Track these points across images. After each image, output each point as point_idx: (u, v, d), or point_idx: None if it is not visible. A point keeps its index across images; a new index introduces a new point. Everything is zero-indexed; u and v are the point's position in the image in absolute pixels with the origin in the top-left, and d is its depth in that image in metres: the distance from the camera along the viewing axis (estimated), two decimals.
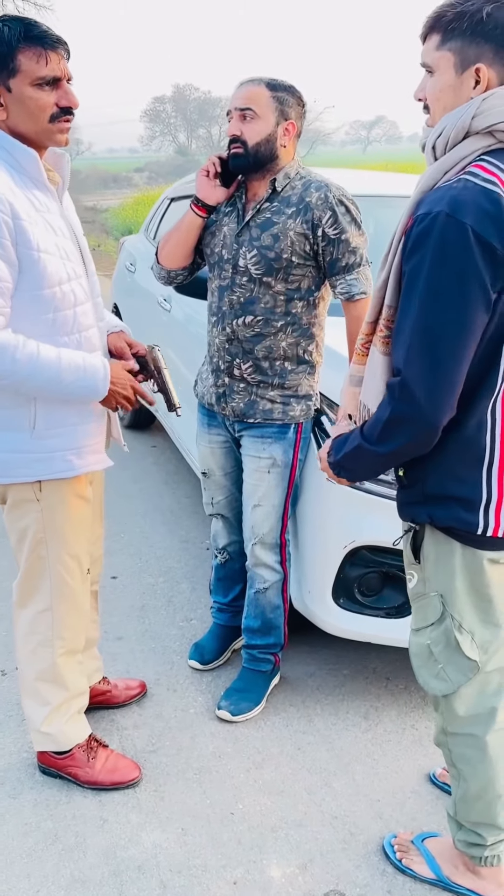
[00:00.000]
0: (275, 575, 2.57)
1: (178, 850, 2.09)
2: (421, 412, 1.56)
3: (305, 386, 2.46)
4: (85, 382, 1.96)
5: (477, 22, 1.53)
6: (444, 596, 1.75)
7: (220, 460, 2.67)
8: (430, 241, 1.51)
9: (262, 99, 2.27)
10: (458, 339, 1.52)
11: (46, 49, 1.81)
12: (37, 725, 2.25)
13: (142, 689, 2.68)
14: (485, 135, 1.55)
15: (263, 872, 2.03)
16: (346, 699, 2.70)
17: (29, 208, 1.86)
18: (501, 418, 1.62)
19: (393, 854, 2.06)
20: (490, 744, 1.82)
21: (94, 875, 2.02)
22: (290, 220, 2.29)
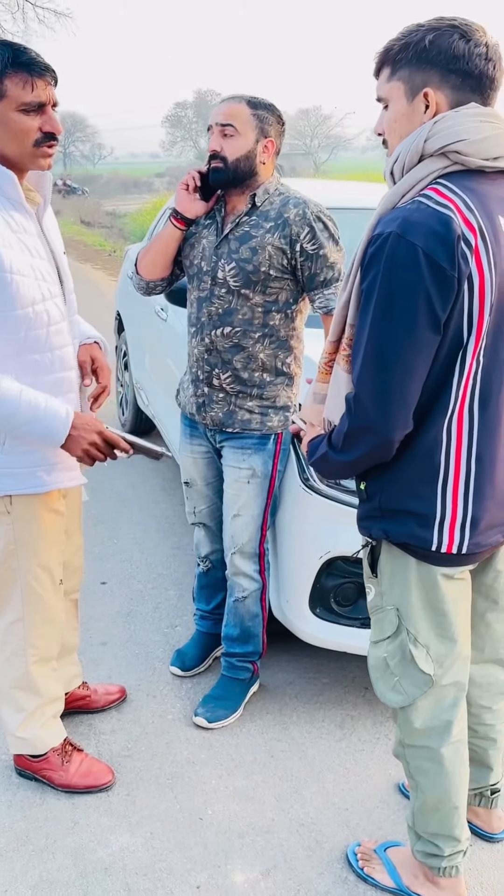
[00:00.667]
0: (253, 584, 2.61)
1: (144, 853, 2.13)
2: (372, 426, 1.60)
3: (283, 397, 2.50)
4: (41, 424, 1.94)
5: (421, 50, 1.59)
6: (400, 610, 1.78)
7: (203, 471, 2.71)
8: (381, 261, 1.55)
9: (242, 116, 2.33)
10: (406, 357, 1.55)
11: (33, 76, 1.86)
12: (12, 730, 2.29)
13: (121, 694, 2.72)
14: (439, 157, 1.59)
15: (227, 877, 2.07)
16: (323, 708, 2.73)
17: (4, 230, 1.90)
18: (457, 436, 1.66)
19: (356, 862, 2.09)
20: (446, 756, 1.84)
21: (62, 876, 2.06)
22: (268, 235, 2.35)
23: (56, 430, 1.96)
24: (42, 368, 2.02)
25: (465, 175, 1.60)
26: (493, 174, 1.63)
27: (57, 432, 1.97)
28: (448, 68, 1.58)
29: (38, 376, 2.01)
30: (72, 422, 1.98)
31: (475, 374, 1.62)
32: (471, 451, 1.66)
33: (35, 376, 2.01)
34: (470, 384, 1.63)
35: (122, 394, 5.58)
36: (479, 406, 1.65)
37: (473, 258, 1.54)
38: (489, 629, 1.96)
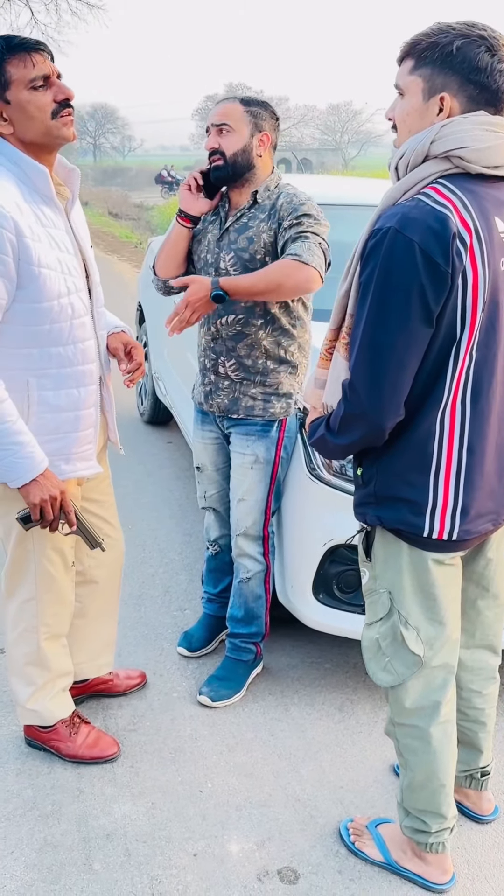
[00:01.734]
0: (257, 565, 2.70)
1: (145, 821, 2.23)
2: (365, 413, 1.68)
3: (287, 385, 2.59)
4: (12, 458, 1.99)
5: (447, 54, 1.64)
6: (392, 593, 1.86)
7: (212, 456, 2.80)
8: (379, 255, 1.62)
9: (235, 114, 2.46)
10: (399, 348, 1.62)
11: (29, 53, 1.94)
12: (22, 702, 2.39)
13: (142, 679, 2.80)
14: (442, 159, 1.66)
15: (223, 847, 2.15)
16: (324, 691, 2.81)
17: (34, 224, 1.97)
18: (450, 427, 1.73)
19: (347, 837, 2.17)
20: (434, 735, 1.92)
21: (66, 840, 2.16)
22: (262, 224, 2.46)
23: (20, 468, 2.01)
24: (65, 361, 2.10)
25: (466, 177, 1.67)
26: (493, 178, 1.69)
27: (19, 471, 2.01)
28: (468, 78, 1.64)
29: (61, 368, 2.10)
30: (44, 471, 2.04)
31: (468, 369, 1.69)
32: (462, 442, 1.73)
33: (58, 368, 2.09)
34: (463, 378, 1.70)
35: (141, 384, 5.68)
36: (471, 399, 1.72)
37: (468, 256, 1.60)
38: (480, 615, 2.03)
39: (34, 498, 2.04)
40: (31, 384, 2.07)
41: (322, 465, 2.61)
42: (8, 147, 1.99)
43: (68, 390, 2.13)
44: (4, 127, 1.97)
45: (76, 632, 2.51)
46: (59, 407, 2.12)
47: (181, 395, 4.31)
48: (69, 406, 2.15)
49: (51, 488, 2.05)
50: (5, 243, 1.90)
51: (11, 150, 1.99)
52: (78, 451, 2.21)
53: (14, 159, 1.99)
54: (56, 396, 2.11)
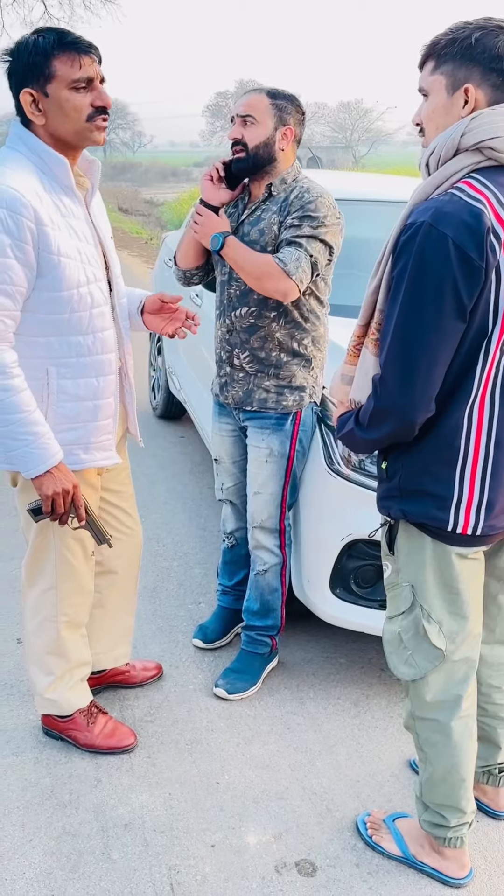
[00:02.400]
0: (273, 558, 2.71)
1: (163, 812, 2.23)
2: (396, 407, 1.68)
3: (300, 378, 2.60)
4: (27, 447, 1.99)
5: (466, 46, 1.65)
6: (415, 586, 1.86)
7: (229, 448, 2.82)
8: (412, 249, 1.62)
9: (261, 106, 2.45)
10: (431, 343, 1.62)
11: (80, 54, 1.95)
12: (41, 692, 2.40)
13: (158, 671, 2.81)
14: (473, 152, 1.66)
15: (240, 838, 2.16)
16: (339, 686, 2.82)
17: (54, 213, 1.98)
18: (478, 422, 1.73)
19: (365, 830, 2.17)
20: (455, 730, 1.92)
21: (84, 829, 2.17)
22: (273, 216, 2.48)
23: (34, 458, 2.01)
24: (84, 350, 2.11)
25: (499, 171, 1.67)
26: None
27: (40, 461, 2.01)
28: (490, 67, 1.65)
29: (80, 357, 2.10)
30: (58, 464, 2.04)
31: (498, 363, 1.69)
32: (490, 436, 1.73)
33: (78, 357, 2.10)
34: (493, 372, 1.70)
35: (154, 378, 5.69)
36: (500, 394, 1.72)
37: (502, 251, 1.60)
38: (501, 611, 2.03)
39: (47, 490, 2.05)
40: (50, 372, 2.08)
41: (341, 459, 2.61)
42: (31, 137, 2.00)
43: (87, 379, 2.14)
44: (37, 117, 1.97)
45: (94, 622, 2.52)
46: (78, 396, 2.13)
47: (195, 389, 4.31)
48: (88, 395, 2.15)
49: (64, 482, 2.06)
50: (25, 231, 1.91)
51: (34, 141, 2.00)
52: (97, 441, 2.22)
53: (36, 149, 2.00)
54: (75, 385, 2.12)
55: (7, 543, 3.69)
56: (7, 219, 1.88)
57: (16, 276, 1.92)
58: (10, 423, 1.97)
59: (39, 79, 1.94)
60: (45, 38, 1.94)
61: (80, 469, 2.20)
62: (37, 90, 1.95)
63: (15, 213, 1.88)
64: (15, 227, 1.89)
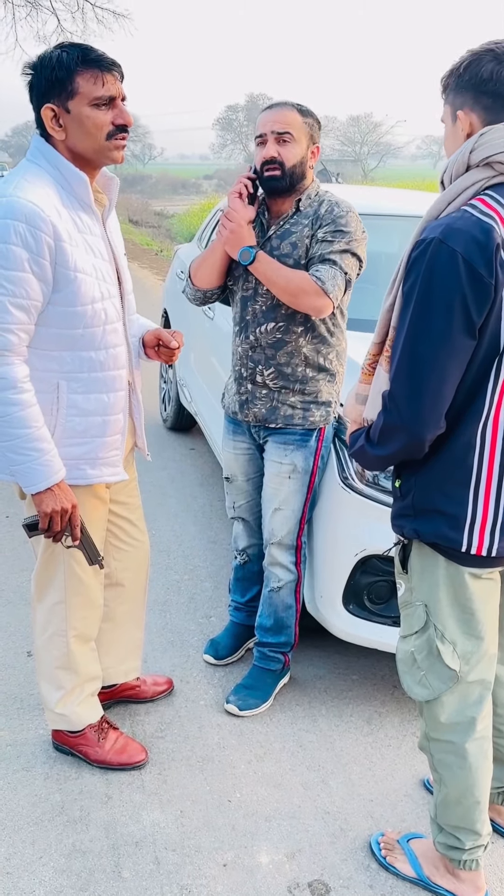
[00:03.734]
0: (289, 575, 2.68)
1: (174, 830, 2.21)
2: (405, 424, 1.67)
3: (325, 393, 2.58)
4: (31, 463, 1.98)
5: (459, 75, 1.71)
6: (429, 606, 1.84)
7: (244, 466, 2.79)
8: (422, 266, 1.62)
9: (297, 123, 2.42)
10: (441, 360, 1.61)
11: (103, 71, 1.94)
12: (51, 707, 2.39)
13: (168, 686, 2.79)
14: (484, 167, 1.67)
15: (253, 857, 2.14)
16: (352, 703, 2.79)
17: (72, 229, 1.98)
18: (492, 441, 1.71)
19: (378, 851, 2.15)
20: (470, 751, 1.89)
21: (94, 847, 2.15)
22: (305, 229, 2.46)
23: (36, 474, 2.00)
24: (96, 365, 2.10)
25: None
26: None
27: (43, 477, 2.00)
28: (479, 90, 1.68)
29: (92, 372, 2.10)
30: (59, 482, 2.03)
31: None
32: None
33: (89, 372, 2.09)
34: None
35: (164, 390, 5.69)
36: None
37: None
38: None
39: (46, 507, 2.03)
40: (61, 386, 2.07)
41: (355, 474, 2.59)
42: (51, 152, 1.99)
43: (98, 395, 2.13)
44: (58, 132, 1.97)
45: (103, 636, 2.50)
46: (87, 411, 2.12)
47: (207, 402, 4.31)
48: (98, 410, 2.14)
49: (63, 500, 2.04)
50: (43, 246, 1.90)
51: (54, 155, 1.99)
52: (104, 457, 2.21)
53: (56, 164, 1.99)
54: (85, 400, 2.11)
55: (17, 555, 3.68)
56: (26, 233, 1.87)
57: (32, 290, 1.92)
58: (17, 438, 1.96)
59: (62, 94, 1.94)
60: (68, 54, 1.94)
61: (86, 484, 2.19)
62: (58, 105, 1.95)
63: (34, 227, 1.88)
64: (34, 241, 1.89)
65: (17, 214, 1.86)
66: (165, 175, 61.06)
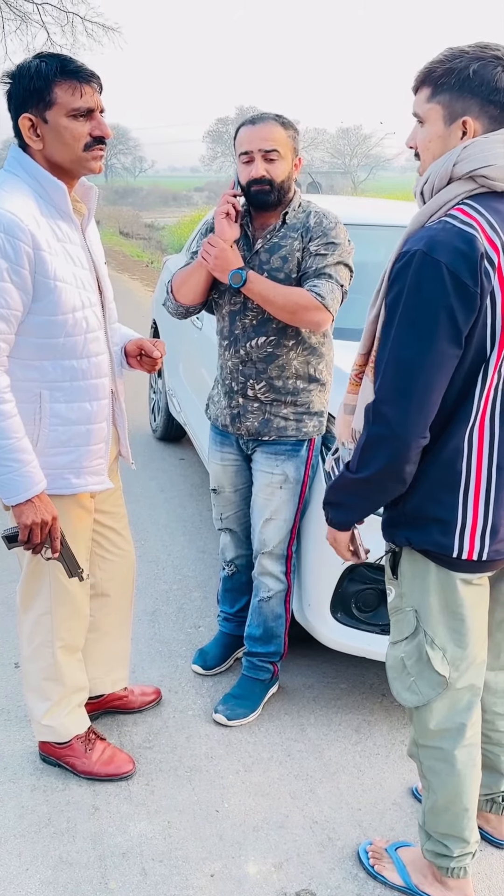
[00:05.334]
0: (279, 584, 2.68)
1: (161, 841, 2.20)
2: (392, 432, 1.65)
3: (317, 403, 2.58)
4: (10, 474, 1.97)
5: (464, 78, 1.65)
6: (419, 612, 1.84)
7: (232, 478, 2.79)
8: (406, 277, 1.62)
9: (282, 139, 2.42)
10: (427, 368, 1.62)
11: (81, 83, 1.95)
12: (38, 718, 2.37)
13: (156, 696, 2.78)
14: (466, 180, 1.67)
15: (240, 868, 2.12)
16: (341, 712, 2.78)
17: (51, 238, 1.98)
18: (479, 446, 1.72)
19: (366, 860, 2.14)
20: (458, 758, 1.89)
21: (81, 858, 2.13)
22: (294, 242, 2.46)
23: (23, 486, 1.99)
24: (78, 374, 2.10)
25: (492, 196, 1.67)
26: None
27: (23, 489, 1.99)
28: (489, 99, 1.65)
29: (74, 381, 2.10)
30: (40, 493, 2.02)
31: (497, 387, 1.69)
32: (491, 460, 1.72)
33: (72, 381, 2.09)
34: (491, 396, 1.69)
35: (154, 400, 5.69)
36: (500, 417, 1.71)
37: (496, 276, 1.60)
38: None
39: (26, 519, 2.02)
40: (43, 396, 2.06)
41: None
42: (29, 162, 2.00)
43: (81, 403, 2.13)
44: (35, 142, 1.97)
45: (89, 646, 2.49)
46: (70, 420, 2.12)
47: (196, 412, 4.31)
48: (81, 419, 2.14)
49: (44, 512, 2.03)
50: (22, 255, 1.90)
51: (32, 166, 1.99)
52: (89, 466, 2.20)
53: (34, 174, 2.00)
54: (68, 409, 2.11)
55: (5, 566, 3.66)
56: (4, 243, 1.87)
57: (12, 300, 1.92)
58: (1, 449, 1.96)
59: (39, 104, 1.94)
60: (47, 64, 1.94)
61: (71, 494, 2.19)
62: (36, 115, 1.95)
63: (12, 237, 1.88)
64: (12, 251, 1.88)
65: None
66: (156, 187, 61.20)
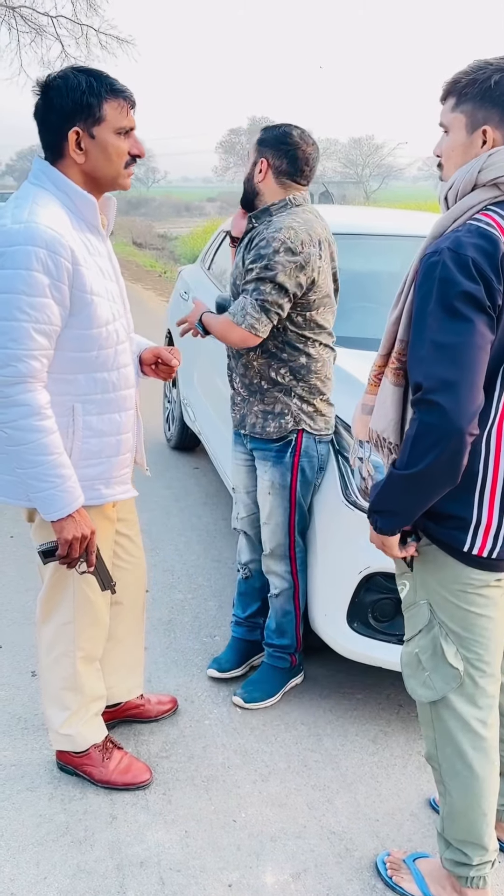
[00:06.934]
0: (284, 583, 2.76)
1: (179, 850, 2.20)
2: (446, 418, 1.60)
3: (281, 404, 2.64)
4: (53, 490, 1.99)
5: (486, 88, 1.70)
6: (433, 604, 1.86)
7: (243, 478, 2.88)
8: (435, 274, 1.64)
9: (251, 145, 2.69)
10: (471, 348, 1.60)
11: (126, 101, 2.02)
12: (56, 727, 2.38)
13: (173, 705, 2.78)
14: (490, 187, 1.69)
15: (258, 878, 2.12)
16: (357, 722, 2.78)
17: (84, 252, 2.00)
18: (496, 447, 1.73)
19: (384, 871, 2.13)
20: (476, 760, 1.89)
21: (99, 867, 2.14)
22: (241, 251, 2.65)
23: (65, 502, 2.01)
24: (110, 386, 2.12)
25: None
26: None
27: (65, 504, 2.01)
28: None
29: (105, 393, 2.12)
30: (79, 508, 2.05)
31: None
32: None
33: (103, 393, 2.11)
34: None
35: (168, 409, 5.71)
36: None
37: None
38: None
39: (67, 534, 2.04)
40: (76, 409, 2.08)
41: (358, 491, 2.60)
42: (57, 175, 2.01)
43: (111, 415, 2.15)
44: (78, 156, 2.00)
45: (105, 655, 2.49)
46: (102, 431, 2.14)
47: (210, 421, 4.32)
48: (111, 431, 2.16)
49: (84, 527, 2.05)
50: (63, 271, 1.92)
51: (61, 179, 2.01)
52: (118, 475, 2.23)
53: (62, 187, 2.01)
54: (100, 421, 2.13)
55: (22, 575, 3.68)
56: (47, 259, 1.89)
57: (53, 315, 1.94)
58: (40, 465, 1.97)
59: (88, 119, 1.97)
60: (98, 81, 1.98)
61: (101, 504, 2.20)
62: (84, 129, 1.98)
63: (54, 253, 1.90)
64: (54, 267, 1.91)
65: (38, 241, 1.88)
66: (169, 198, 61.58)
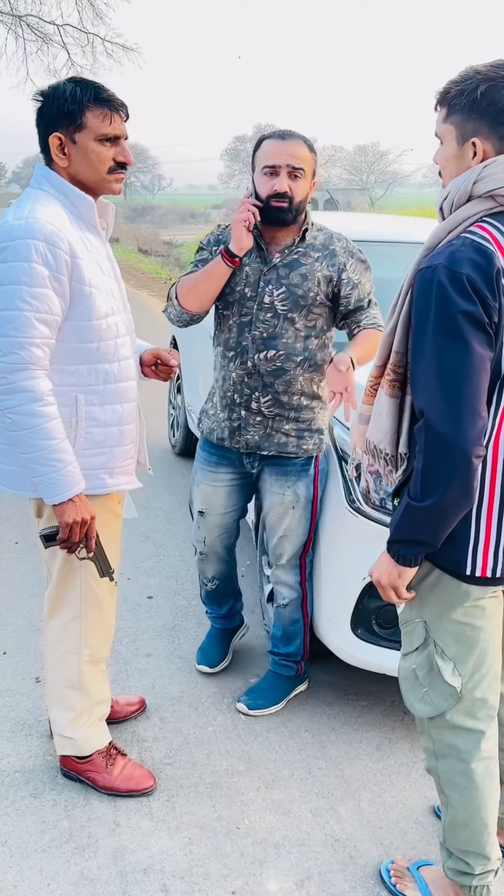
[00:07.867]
0: (293, 593, 2.74)
1: (182, 857, 2.19)
2: (450, 447, 1.61)
3: (319, 420, 2.62)
4: (54, 474, 2.03)
5: (473, 100, 1.69)
6: (428, 623, 1.85)
7: (223, 500, 2.78)
8: (431, 290, 1.63)
9: (307, 159, 2.48)
10: (470, 372, 1.60)
11: (112, 111, 2.07)
12: (60, 730, 2.39)
13: (140, 705, 2.80)
14: (486, 199, 1.69)
15: (262, 885, 2.12)
16: (361, 729, 2.77)
17: (82, 248, 2.07)
18: (493, 465, 1.72)
19: (388, 878, 2.12)
20: (476, 771, 1.88)
21: (102, 874, 2.13)
22: (316, 263, 2.51)
23: (66, 486, 2.05)
24: (111, 377, 2.17)
25: None
26: None
27: (65, 488, 2.05)
28: (498, 120, 1.67)
29: (107, 384, 2.17)
30: (79, 493, 2.08)
31: None
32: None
33: (104, 384, 2.17)
34: None
35: (173, 416, 5.71)
36: None
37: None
38: None
39: (67, 518, 2.08)
40: (79, 399, 2.13)
41: (361, 497, 2.60)
42: (56, 178, 2.10)
43: (113, 406, 2.20)
44: (62, 160, 2.08)
45: None
46: (105, 422, 2.19)
47: None
48: (114, 421, 2.21)
49: (83, 511, 2.09)
50: (62, 263, 1.99)
51: (59, 181, 2.10)
52: (121, 466, 2.27)
53: (61, 189, 2.10)
54: (102, 412, 2.18)
55: (26, 581, 3.69)
56: (46, 251, 1.97)
57: (53, 305, 2.00)
58: (42, 449, 2.02)
59: (70, 126, 2.05)
60: (82, 89, 2.05)
61: (105, 493, 2.24)
62: (66, 136, 2.06)
63: (53, 245, 1.97)
64: (53, 258, 1.98)
65: (37, 234, 1.96)
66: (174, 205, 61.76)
